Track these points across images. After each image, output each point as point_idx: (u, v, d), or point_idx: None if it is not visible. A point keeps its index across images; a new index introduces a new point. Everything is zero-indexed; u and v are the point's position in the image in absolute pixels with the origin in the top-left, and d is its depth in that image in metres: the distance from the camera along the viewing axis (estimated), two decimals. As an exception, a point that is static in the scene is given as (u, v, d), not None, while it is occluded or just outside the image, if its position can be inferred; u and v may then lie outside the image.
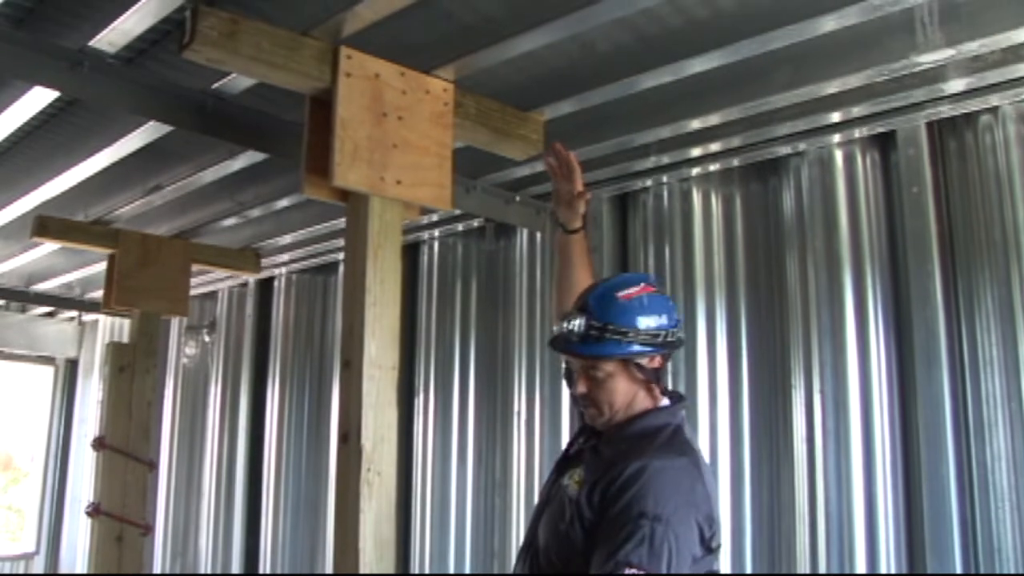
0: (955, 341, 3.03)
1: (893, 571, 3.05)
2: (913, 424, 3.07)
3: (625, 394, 2.06)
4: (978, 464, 2.92)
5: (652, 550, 1.79)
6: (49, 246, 5.14)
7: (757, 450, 3.53)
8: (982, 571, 2.85)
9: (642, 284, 2.10)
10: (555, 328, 2.15)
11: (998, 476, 2.86)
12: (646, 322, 2.04)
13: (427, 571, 4.62)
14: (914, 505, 3.05)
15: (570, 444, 2.30)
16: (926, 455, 2.99)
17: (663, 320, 2.06)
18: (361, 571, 2.41)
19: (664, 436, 2.03)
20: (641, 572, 1.77)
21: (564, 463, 2.17)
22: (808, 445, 3.29)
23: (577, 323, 2.04)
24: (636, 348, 2.02)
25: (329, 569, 4.98)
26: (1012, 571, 2.78)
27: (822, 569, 3.17)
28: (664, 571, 1.78)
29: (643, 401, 2.08)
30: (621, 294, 2.08)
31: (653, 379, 2.08)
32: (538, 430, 4.24)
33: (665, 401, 2.13)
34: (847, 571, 3.10)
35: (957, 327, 3.04)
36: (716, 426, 3.56)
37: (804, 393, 3.35)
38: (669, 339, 2.06)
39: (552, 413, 4.20)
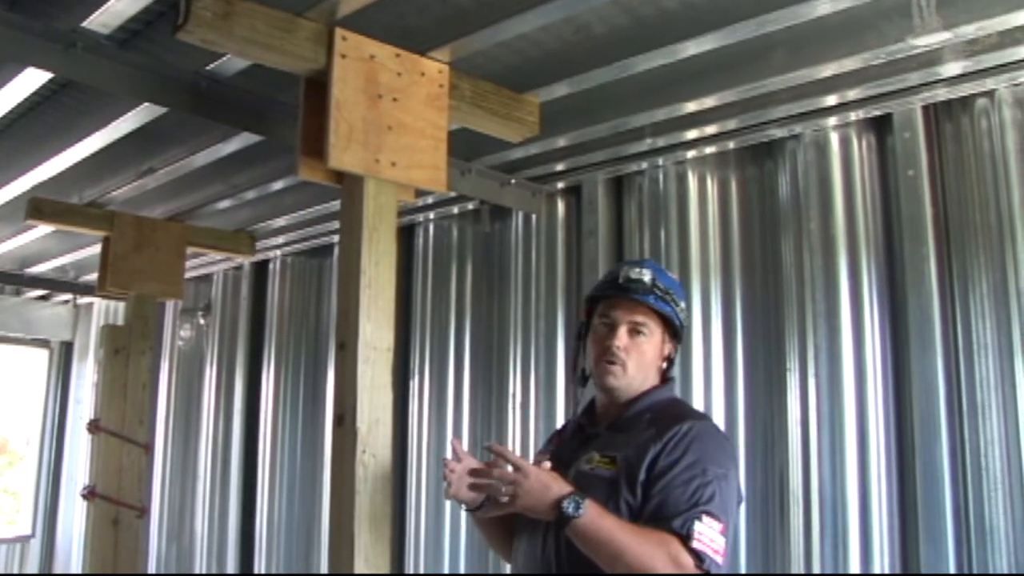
0: (949, 325, 3.03)
1: (887, 554, 3.06)
2: (907, 408, 3.08)
3: (651, 361, 2.17)
4: (971, 448, 2.92)
5: (722, 502, 1.93)
6: (43, 229, 5.12)
7: (752, 433, 3.53)
8: (974, 554, 2.86)
9: None
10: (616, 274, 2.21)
11: (991, 460, 2.87)
12: (682, 304, 2.21)
13: (422, 554, 4.64)
14: (907, 488, 3.06)
15: (562, 432, 2.33)
16: (920, 439, 3.00)
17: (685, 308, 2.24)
18: (356, 553, 2.42)
19: (683, 404, 2.23)
20: (716, 519, 1.90)
21: (571, 448, 2.18)
22: (802, 428, 3.30)
23: (648, 277, 2.14)
24: (680, 319, 2.18)
25: (325, 551, 5.01)
26: (1004, 555, 2.79)
27: (816, 554, 3.18)
28: (728, 520, 1.94)
29: (653, 379, 2.19)
30: (668, 273, 2.29)
31: (669, 362, 2.23)
32: (533, 412, 4.25)
33: None
34: (841, 554, 3.12)
35: (952, 311, 3.04)
36: (711, 409, 3.56)
37: (799, 376, 3.35)
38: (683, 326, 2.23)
39: (547, 395, 4.20)
